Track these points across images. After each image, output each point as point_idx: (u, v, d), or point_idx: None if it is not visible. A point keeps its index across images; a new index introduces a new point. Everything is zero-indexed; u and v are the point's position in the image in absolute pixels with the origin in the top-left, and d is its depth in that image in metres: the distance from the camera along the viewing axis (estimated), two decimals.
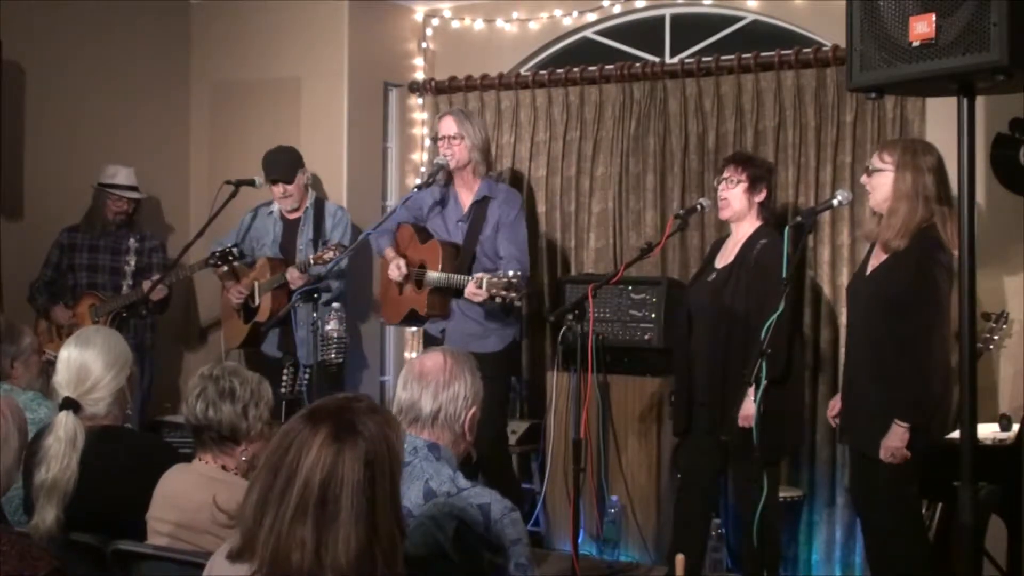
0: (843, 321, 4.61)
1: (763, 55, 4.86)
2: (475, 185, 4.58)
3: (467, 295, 4.30)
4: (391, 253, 4.71)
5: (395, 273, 4.64)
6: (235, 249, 4.88)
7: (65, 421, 2.60)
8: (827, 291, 4.71)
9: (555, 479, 4.91)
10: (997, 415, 4.02)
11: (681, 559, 3.13)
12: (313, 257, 4.61)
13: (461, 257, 4.56)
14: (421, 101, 5.80)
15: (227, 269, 5.06)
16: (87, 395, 2.78)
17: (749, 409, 3.53)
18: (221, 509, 1.89)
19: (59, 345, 3.05)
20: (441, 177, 4.72)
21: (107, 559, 2.51)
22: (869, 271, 3.70)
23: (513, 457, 5.02)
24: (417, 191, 4.71)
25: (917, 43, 2.35)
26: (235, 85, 5.81)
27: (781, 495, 4.30)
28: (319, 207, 5.08)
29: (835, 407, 3.94)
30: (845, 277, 4.62)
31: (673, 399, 4.48)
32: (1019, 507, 3.48)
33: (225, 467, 2.59)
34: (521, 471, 5.26)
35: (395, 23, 5.72)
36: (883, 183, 3.64)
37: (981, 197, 4.32)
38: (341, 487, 1.66)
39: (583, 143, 5.32)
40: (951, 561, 3.84)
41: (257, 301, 5.00)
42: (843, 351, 4.60)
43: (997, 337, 4.30)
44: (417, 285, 4.61)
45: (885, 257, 3.62)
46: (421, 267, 4.60)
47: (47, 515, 2.49)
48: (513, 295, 4.15)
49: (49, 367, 3.13)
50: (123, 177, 5.21)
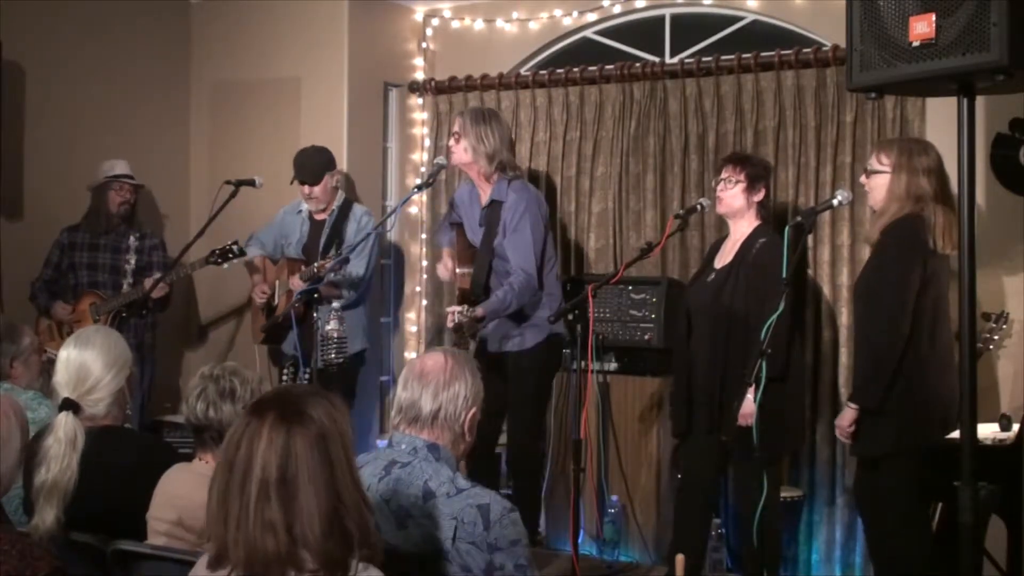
0: (843, 321, 4.61)
1: (763, 55, 4.86)
2: (489, 188, 4.56)
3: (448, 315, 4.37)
4: (448, 252, 4.78)
5: (442, 273, 4.80)
6: (235, 247, 4.86)
7: (65, 421, 2.60)
8: (827, 291, 4.71)
9: (555, 479, 4.91)
10: (997, 415, 4.02)
11: (681, 559, 3.14)
12: (317, 265, 4.60)
13: (476, 265, 4.55)
14: (421, 101, 5.80)
15: (255, 262, 5.07)
16: (87, 395, 2.78)
17: (749, 409, 3.54)
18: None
19: (60, 344, 3.05)
20: (443, 176, 4.74)
21: (107, 559, 2.51)
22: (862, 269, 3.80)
23: (538, 456, 4.92)
24: (417, 191, 4.72)
25: (917, 43, 2.35)
26: (235, 85, 5.81)
27: (781, 495, 4.30)
28: (345, 210, 5.02)
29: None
30: (845, 277, 4.62)
31: (672, 400, 4.48)
32: (1019, 507, 3.48)
33: None
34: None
35: (395, 23, 5.72)
36: (880, 184, 3.68)
37: (981, 197, 4.32)
38: (298, 463, 1.70)
39: (583, 143, 5.32)
40: (951, 561, 3.84)
41: (276, 300, 5.00)
42: (843, 351, 4.62)
43: (997, 337, 4.30)
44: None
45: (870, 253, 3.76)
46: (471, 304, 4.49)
47: (47, 515, 2.49)
48: (464, 332, 4.22)
49: (50, 366, 3.13)
50: (121, 168, 5.24)
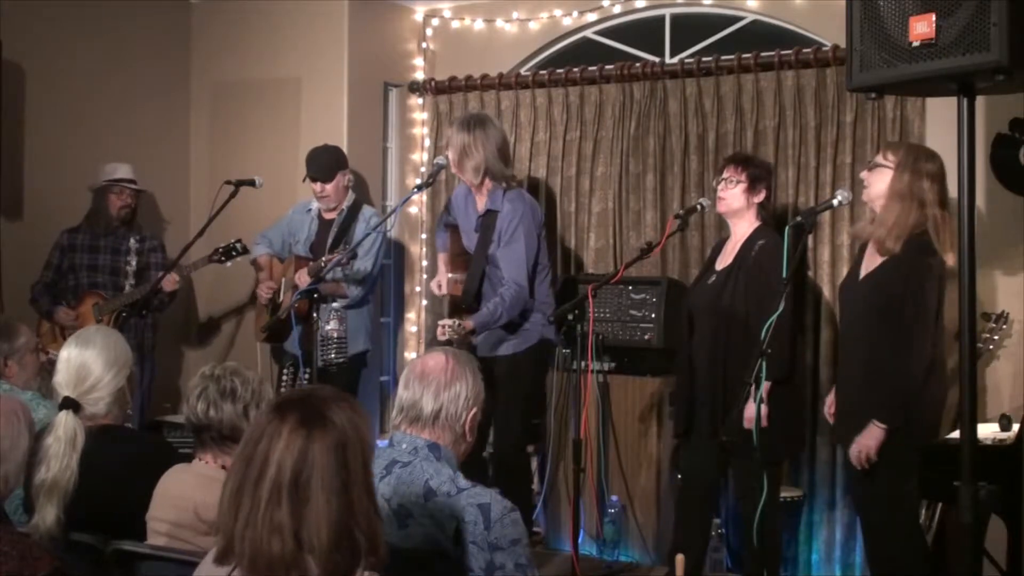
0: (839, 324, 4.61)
1: (763, 55, 4.86)
2: (484, 194, 4.57)
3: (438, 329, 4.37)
4: (442, 259, 4.78)
5: (435, 289, 4.77)
6: (239, 244, 4.86)
7: (65, 421, 2.60)
8: (827, 291, 4.71)
9: (555, 479, 4.91)
10: (997, 415, 4.02)
11: (681, 559, 3.13)
12: (324, 259, 4.60)
13: (470, 273, 4.56)
14: (421, 101, 5.80)
15: (262, 259, 5.07)
16: (87, 395, 2.78)
17: (750, 410, 3.54)
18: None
19: (62, 345, 3.05)
20: (443, 176, 4.75)
21: (107, 559, 2.51)
22: (863, 275, 3.71)
23: (528, 460, 4.96)
24: (417, 191, 4.73)
25: (917, 43, 2.35)
26: (235, 85, 5.81)
27: (781, 495, 4.30)
28: (354, 210, 5.02)
29: (832, 404, 3.96)
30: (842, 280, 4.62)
31: (673, 400, 4.48)
32: (1019, 507, 3.48)
33: (225, 467, 2.59)
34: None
35: (395, 23, 5.72)
36: (880, 179, 3.67)
37: (981, 197, 4.32)
38: (313, 470, 1.68)
39: (583, 143, 5.32)
40: (951, 561, 3.84)
41: (282, 297, 5.01)
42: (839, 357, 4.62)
43: (997, 337, 4.30)
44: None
45: (880, 262, 3.64)
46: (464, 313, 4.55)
47: (47, 515, 2.49)
48: (453, 345, 4.21)
49: (49, 367, 3.13)
50: (124, 172, 5.24)
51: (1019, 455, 3.49)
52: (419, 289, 5.78)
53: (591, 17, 5.44)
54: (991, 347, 4.30)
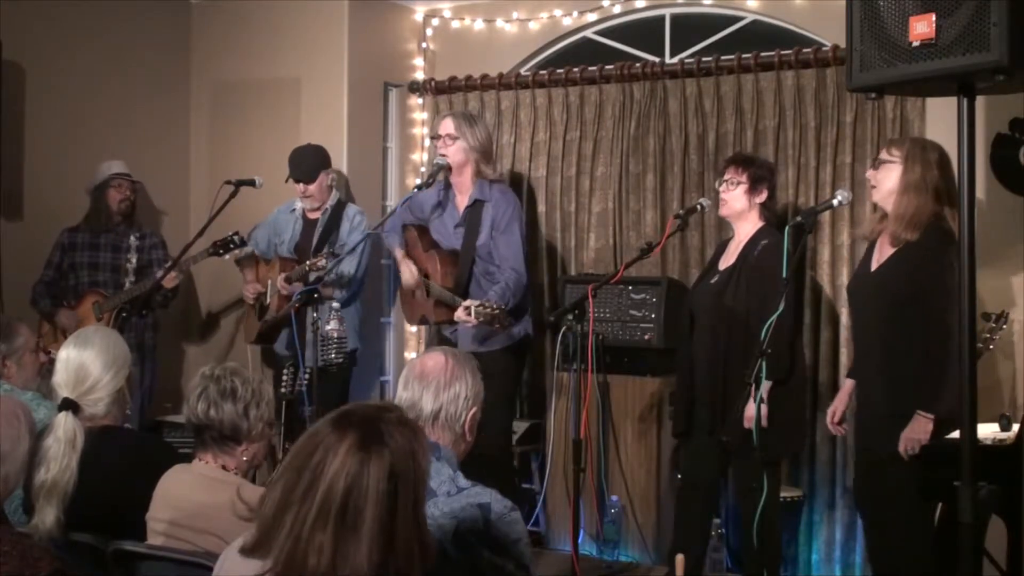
0: (843, 321, 4.61)
1: (763, 55, 4.86)
2: (468, 189, 4.58)
3: (456, 319, 4.31)
4: (400, 254, 4.73)
5: (408, 279, 4.70)
6: (236, 236, 4.86)
7: (64, 422, 2.60)
8: (827, 291, 4.71)
9: (555, 479, 4.91)
10: (997, 415, 4.02)
11: (681, 559, 3.14)
12: (308, 263, 4.60)
13: (460, 265, 4.56)
14: (421, 101, 5.80)
15: (248, 260, 5.07)
16: (86, 395, 2.78)
17: (750, 410, 3.54)
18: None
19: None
20: (442, 178, 4.74)
21: (107, 559, 2.51)
22: (874, 267, 3.70)
23: (513, 457, 5.01)
24: (417, 191, 4.72)
25: (917, 43, 2.35)
26: (235, 85, 5.81)
27: (781, 495, 4.30)
28: (338, 210, 5.03)
29: (836, 412, 3.95)
30: (845, 277, 4.62)
31: (673, 401, 4.48)
32: (1019, 507, 3.48)
33: (225, 467, 2.59)
34: (521, 471, 5.26)
35: (395, 23, 5.72)
36: (889, 176, 3.65)
37: (981, 197, 4.32)
38: (364, 497, 1.64)
39: (583, 143, 5.32)
40: (951, 561, 3.84)
41: (268, 299, 5.00)
42: (843, 351, 4.62)
43: (997, 337, 4.30)
44: (426, 292, 4.63)
45: (892, 251, 3.62)
46: (426, 276, 4.61)
47: (47, 516, 2.49)
48: (496, 327, 4.16)
49: (50, 366, 3.12)
50: (119, 167, 5.26)
51: (1019, 455, 3.49)
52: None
53: (591, 17, 5.44)
54: (991, 347, 4.29)
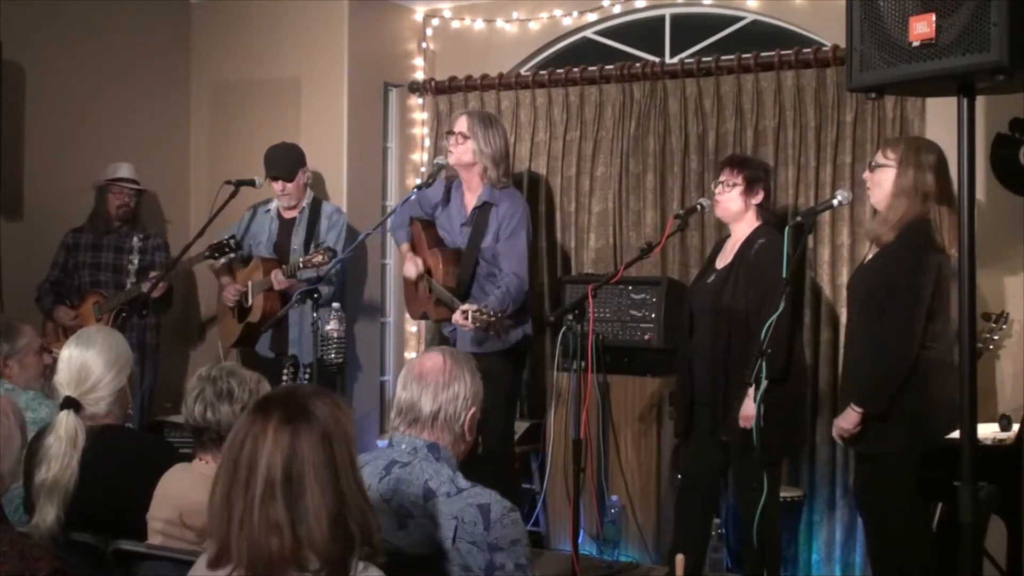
0: (843, 321, 4.61)
1: (763, 55, 4.86)
2: (478, 190, 4.55)
3: (453, 321, 4.30)
4: (406, 248, 4.72)
5: (411, 271, 4.68)
6: (231, 240, 4.86)
7: (66, 420, 2.60)
8: (827, 291, 4.71)
9: (555, 479, 4.91)
10: (997, 415, 4.02)
11: (681, 559, 3.13)
12: (303, 260, 4.60)
13: (463, 265, 4.54)
14: (421, 101, 5.80)
15: (223, 264, 5.06)
16: (88, 395, 2.78)
17: (749, 409, 3.54)
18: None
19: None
20: (443, 177, 4.73)
21: (107, 559, 2.51)
22: (864, 264, 3.75)
23: (515, 460, 4.98)
24: (417, 191, 4.71)
25: (917, 43, 2.35)
26: (235, 85, 5.81)
27: (781, 495, 4.30)
28: (315, 207, 5.07)
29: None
30: (845, 277, 4.62)
31: (673, 401, 4.48)
32: (1019, 507, 3.48)
33: None
34: (521, 471, 5.26)
35: (395, 23, 5.72)
36: (885, 179, 3.66)
37: (981, 197, 4.32)
38: (304, 464, 1.70)
39: (583, 143, 5.32)
40: (951, 561, 3.84)
41: (250, 301, 4.99)
42: (843, 351, 4.61)
43: (997, 337, 4.30)
44: (428, 288, 4.63)
45: (877, 250, 3.67)
46: (428, 272, 4.60)
47: (47, 515, 2.49)
48: (492, 334, 4.14)
49: (53, 366, 3.12)
50: (124, 171, 5.24)
51: (1019, 455, 3.49)
52: None
53: (591, 17, 5.44)
54: (991, 347, 4.30)
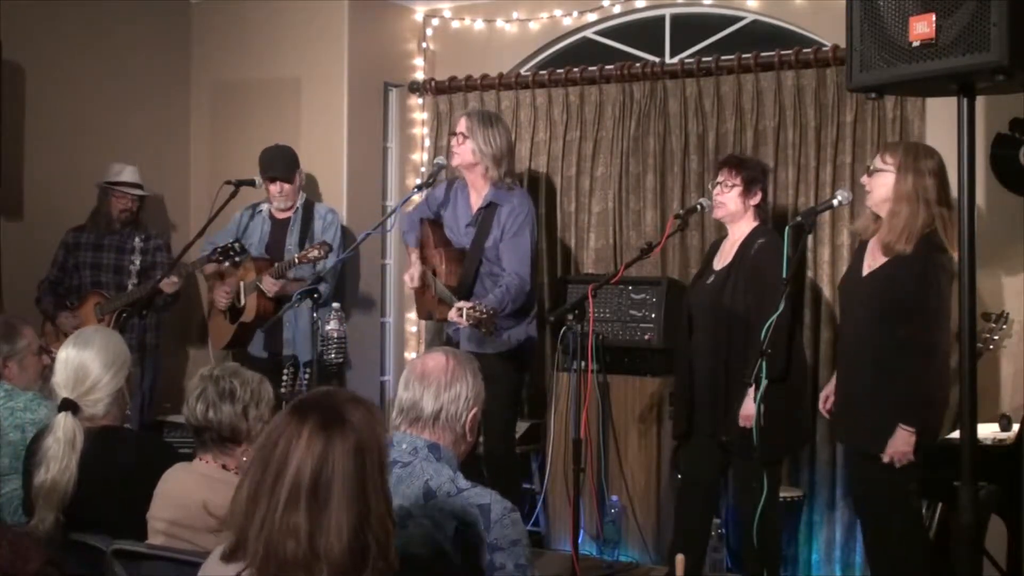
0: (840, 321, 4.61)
1: (763, 55, 4.86)
2: (484, 189, 4.54)
3: (449, 318, 4.30)
4: (416, 255, 4.71)
5: (407, 281, 4.68)
6: (236, 244, 4.85)
7: (64, 422, 2.61)
8: (827, 291, 4.71)
9: (555, 479, 4.91)
10: (997, 415, 4.02)
11: (681, 559, 3.13)
12: (298, 256, 4.60)
13: (467, 264, 4.53)
14: (421, 101, 5.80)
15: (228, 265, 5.06)
16: (86, 396, 2.78)
17: (749, 409, 3.54)
18: (211, 514, 1.91)
19: None
20: (444, 177, 4.73)
21: (107, 559, 2.51)
22: (866, 272, 3.70)
23: (517, 461, 4.97)
24: (417, 191, 4.71)
25: (917, 43, 2.35)
26: (235, 85, 5.81)
27: (781, 495, 4.30)
28: (308, 208, 5.08)
29: (828, 398, 3.95)
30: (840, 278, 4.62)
31: (672, 402, 4.48)
32: (1019, 507, 3.48)
33: (226, 467, 2.59)
34: (521, 471, 5.25)
35: (395, 23, 5.72)
36: (883, 184, 3.65)
37: (981, 197, 4.32)
38: (333, 474, 1.68)
39: (583, 143, 5.32)
40: (951, 561, 3.84)
41: (243, 302, 4.99)
42: (840, 354, 4.61)
43: (997, 337, 4.30)
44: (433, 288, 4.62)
45: (885, 260, 3.62)
46: (433, 272, 4.59)
47: (47, 516, 2.50)
48: (483, 331, 4.14)
49: (51, 366, 3.12)
50: (128, 175, 5.23)
51: (1019, 455, 3.50)
52: None
53: (591, 17, 5.44)
54: (991, 347, 4.30)
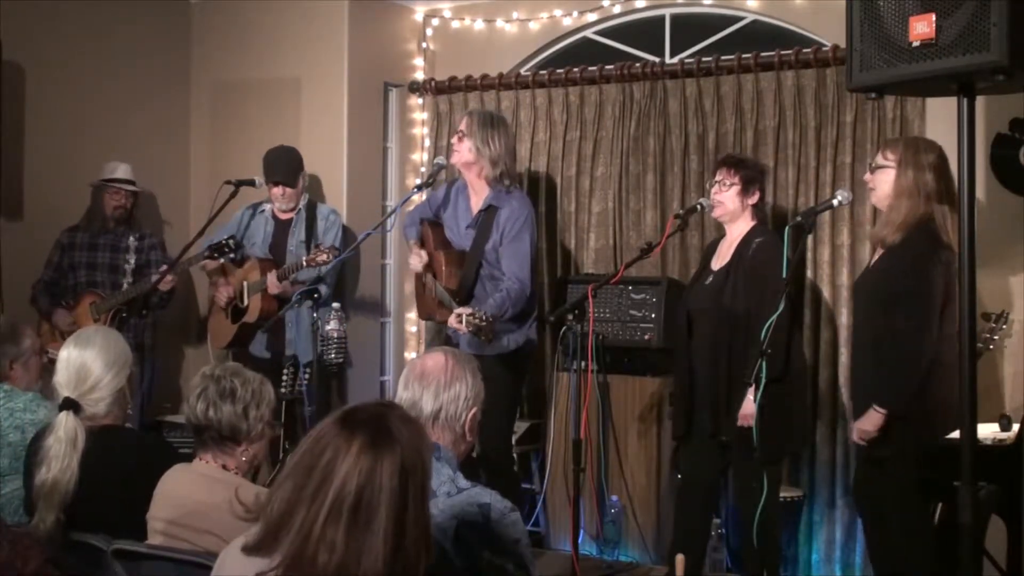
0: (843, 321, 4.61)
1: (763, 55, 4.86)
2: (484, 192, 4.52)
3: (449, 324, 4.29)
4: (417, 246, 4.69)
5: (415, 262, 4.61)
6: (231, 241, 4.85)
7: (65, 421, 2.61)
8: (827, 291, 4.71)
9: (555, 479, 4.92)
10: (997, 415, 4.02)
11: (681, 559, 3.13)
12: (306, 259, 4.60)
13: (466, 267, 4.52)
14: (421, 101, 5.80)
15: (221, 263, 5.06)
16: (87, 395, 2.78)
17: (749, 409, 3.54)
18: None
19: (62, 345, 3.05)
20: (443, 177, 4.72)
21: (107, 559, 2.51)
22: (870, 268, 3.74)
23: (515, 464, 4.97)
24: (417, 190, 4.71)
25: (917, 43, 2.35)
26: (235, 85, 5.81)
27: (781, 495, 4.30)
28: (312, 209, 5.08)
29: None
30: (845, 277, 4.62)
31: (672, 403, 4.48)
32: (1019, 507, 3.48)
33: (225, 467, 2.59)
34: (521, 471, 5.26)
35: (395, 23, 5.72)
36: (885, 180, 3.66)
37: (981, 197, 4.32)
38: (378, 495, 1.65)
39: (583, 143, 5.32)
40: (951, 561, 3.84)
41: (246, 301, 4.99)
42: (843, 351, 4.62)
43: (997, 337, 4.30)
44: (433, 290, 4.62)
45: (883, 252, 3.65)
46: (433, 275, 4.59)
47: (47, 516, 2.50)
48: (482, 338, 4.13)
49: (51, 367, 3.13)
50: (122, 172, 5.23)
51: (1019, 455, 3.49)
52: None
53: (591, 17, 5.44)
54: (991, 347, 4.30)
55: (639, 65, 5.17)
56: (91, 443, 2.62)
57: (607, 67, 5.25)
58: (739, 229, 4.18)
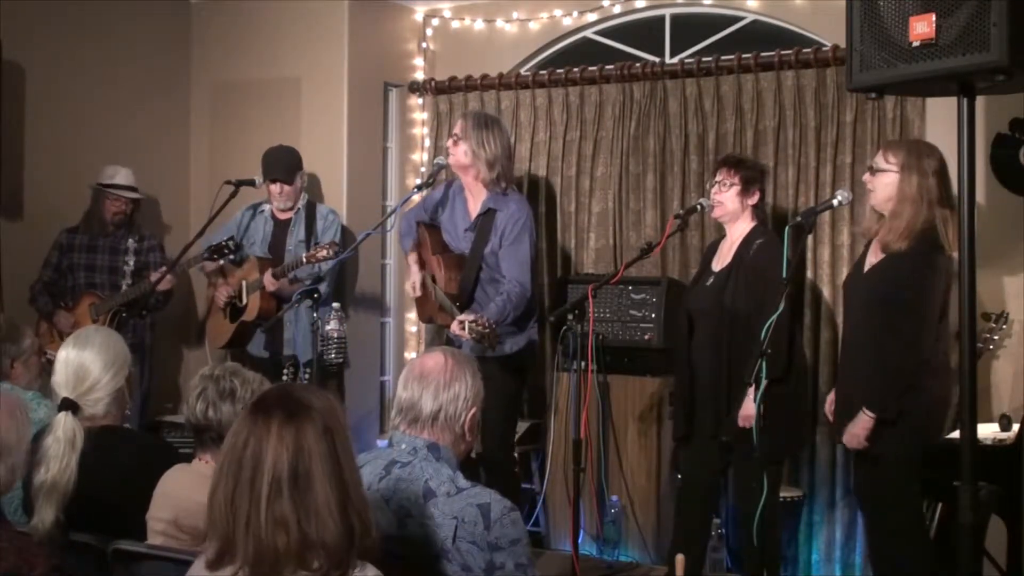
0: (843, 321, 4.61)
1: (763, 55, 4.86)
2: (482, 194, 4.50)
3: (451, 331, 4.29)
4: (413, 259, 4.68)
5: (409, 289, 4.67)
6: (231, 242, 4.85)
7: (64, 421, 2.60)
8: (827, 291, 4.71)
9: (555, 479, 4.92)
10: (997, 415, 4.02)
11: (681, 559, 3.13)
12: (306, 256, 4.60)
13: (466, 270, 4.50)
14: (421, 101, 5.80)
15: (222, 263, 5.06)
16: (86, 395, 2.77)
17: (749, 409, 3.54)
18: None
19: (60, 345, 3.05)
20: (444, 177, 4.71)
21: (107, 559, 2.51)
22: (867, 270, 3.72)
23: (515, 465, 4.95)
24: (417, 191, 4.70)
25: (917, 43, 2.35)
26: (235, 85, 5.81)
27: (781, 495, 4.30)
28: (311, 209, 5.09)
29: (832, 402, 3.96)
30: (845, 277, 4.62)
31: (672, 403, 4.47)
32: (1019, 507, 3.48)
33: None
34: (521, 471, 5.25)
35: (395, 23, 5.72)
36: (886, 183, 3.65)
37: (981, 197, 4.32)
38: (310, 459, 1.71)
39: (583, 143, 5.32)
40: (951, 561, 3.84)
41: (245, 301, 4.99)
42: (840, 354, 4.61)
43: (997, 337, 4.31)
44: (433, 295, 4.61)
45: (882, 257, 3.64)
46: (433, 279, 4.58)
47: (46, 516, 2.49)
48: (485, 345, 4.12)
49: (50, 367, 3.13)
50: (122, 177, 5.21)
51: (1019, 455, 3.50)
52: None
53: (591, 17, 5.44)
54: (991, 347, 4.30)
55: (639, 65, 5.17)
56: (90, 443, 2.61)
57: (607, 67, 5.25)
58: (739, 229, 4.18)
